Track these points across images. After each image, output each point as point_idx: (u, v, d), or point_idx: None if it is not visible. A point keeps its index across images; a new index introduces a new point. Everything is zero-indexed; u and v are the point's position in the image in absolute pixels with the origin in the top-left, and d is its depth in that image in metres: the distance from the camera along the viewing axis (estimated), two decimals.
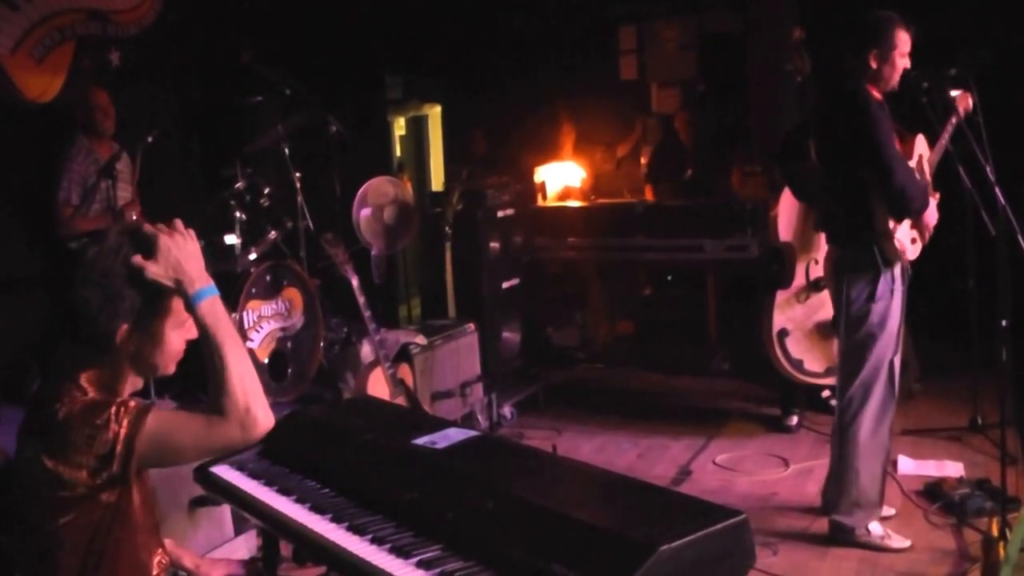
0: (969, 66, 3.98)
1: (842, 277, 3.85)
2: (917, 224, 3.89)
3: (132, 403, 1.96)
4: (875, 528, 3.88)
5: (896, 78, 3.78)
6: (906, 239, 3.86)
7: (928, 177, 4.03)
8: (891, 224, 3.77)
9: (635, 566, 1.73)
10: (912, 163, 3.92)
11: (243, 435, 1.94)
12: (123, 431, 1.91)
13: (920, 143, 4.04)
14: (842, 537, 3.88)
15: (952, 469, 4.59)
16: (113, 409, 1.93)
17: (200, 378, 1.99)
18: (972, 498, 4.13)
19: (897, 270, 3.79)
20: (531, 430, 5.62)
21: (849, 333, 3.86)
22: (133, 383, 2.11)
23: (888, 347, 3.82)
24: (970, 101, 3.97)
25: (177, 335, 2.08)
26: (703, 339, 6.88)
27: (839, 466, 3.92)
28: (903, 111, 3.94)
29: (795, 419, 5.42)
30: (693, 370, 6.64)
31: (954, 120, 3.97)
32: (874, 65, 3.75)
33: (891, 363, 3.84)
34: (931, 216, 3.87)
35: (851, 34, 3.81)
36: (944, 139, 4.03)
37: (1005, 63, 5.81)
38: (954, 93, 4.00)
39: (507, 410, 5.74)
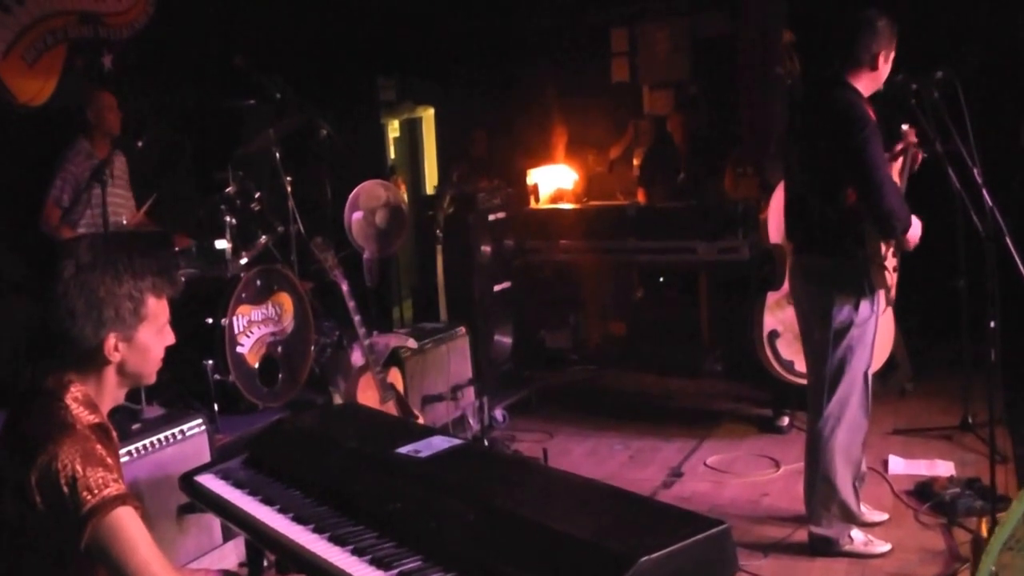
0: (956, 67, 3.96)
1: (824, 289, 3.77)
2: (899, 241, 3.81)
3: (119, 488, 1.93)
4: (856, 535, 3.86)
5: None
6: (889, 266, 3.83)
7: None
8: (883, 250, 3.74)
9: None
10: None
11: None
12: (93, 502, 1.88)
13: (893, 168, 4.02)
14: (824, 548, 3.85)
15: (943, 468, 4.60)
16: (100, 475, 1.90)
17: (189, 383, 1.99)
18: (962, 497, 4.13)
19: (880, 295, 3.77)
20: (523, 433, 5.61)
21: (828, 348, 3.77)
22: (115, 398, 2.11)
23: (864, 360, 3.78)
24: (914, 136, 3.94)
25: (157, 341, 2.09)
26: (695, 341, 6.88)
27: (815, 479, 3.87)
28: (888, 120, 3.91)
29: (787, 420, 5.42)
30: (685, 371, 6.64)
31: (902, 147, 3.95)
32: (881, 65, 3.69)
33: (865, 375, 3.81)
34: (914, 234, 3.80)
35: (863, 33, 3.66)
36: (904, 168, 4.00)
37: (992, 64, 5.82)
38: (904, 127, 3.99)
39: (499, 413, 5.73)
